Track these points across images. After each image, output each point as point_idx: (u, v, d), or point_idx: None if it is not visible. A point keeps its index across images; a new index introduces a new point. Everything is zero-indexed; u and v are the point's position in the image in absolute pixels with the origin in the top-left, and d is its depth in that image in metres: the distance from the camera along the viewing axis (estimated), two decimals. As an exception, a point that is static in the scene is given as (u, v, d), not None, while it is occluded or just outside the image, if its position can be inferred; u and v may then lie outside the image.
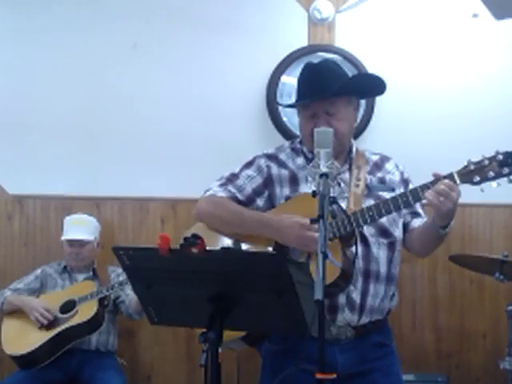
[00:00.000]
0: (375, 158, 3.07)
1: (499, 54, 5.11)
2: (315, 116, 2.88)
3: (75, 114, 5.18)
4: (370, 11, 5.14)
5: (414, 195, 2.72)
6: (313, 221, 2.30)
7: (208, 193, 3.01)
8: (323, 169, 2.40)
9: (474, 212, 5.04)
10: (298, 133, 4.82)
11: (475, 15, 4.75)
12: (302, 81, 2.97)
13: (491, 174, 2.65)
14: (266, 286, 2.20)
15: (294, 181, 2.94)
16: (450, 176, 2.67)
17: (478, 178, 2.66)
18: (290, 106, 3.14)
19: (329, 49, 5.10)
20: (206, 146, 5.13)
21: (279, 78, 5.10)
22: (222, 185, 3.00)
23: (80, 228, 4.80)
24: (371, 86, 3.00)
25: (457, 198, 2.64)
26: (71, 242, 4.76)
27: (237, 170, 3.03)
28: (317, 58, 4.91)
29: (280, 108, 5.07)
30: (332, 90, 2.83)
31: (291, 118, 5.03)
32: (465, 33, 5.09)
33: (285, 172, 2.96)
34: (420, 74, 5.12)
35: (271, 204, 2.96)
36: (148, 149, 5.17)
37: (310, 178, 2.88)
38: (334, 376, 2.16)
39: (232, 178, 3.01)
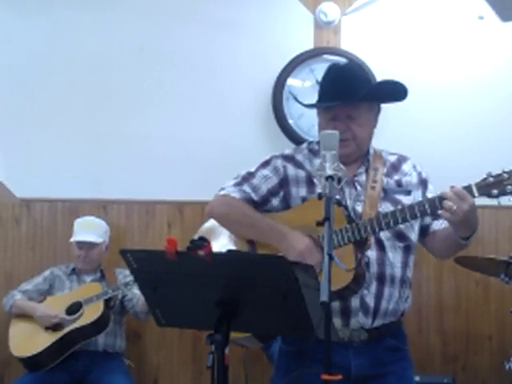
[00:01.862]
0: (392, 158, 3.04)
1: (505, 55, 5.11)
2: (336, 119, 2.85)
3: (82, 117, 5.20)
4: (376, 14, 5.14)
5: (431, 205, 2.68)
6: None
7: (222, 192, 2.98)
8: (329, 171, 2.40)
9: (480, 214, 4.94)
10: (303, 136, 4.90)
11: (481, 17, 4.76)
12: (327, 82, 2.94)
13: (510, 188, 2.61)
14: (273, 288, 2.20)
15: (310, 182, 2.91)
16: (468, 188, 2.64)
17: (495, 192, 2.63)
18: (311, 106, 3.09)
19: (334, 52, 5.10)
20: (212, 149, 5.14)
21: (285, 81, 5.11)
22: (237, 184, 2.97)
23: (89, 231, 4.82)
24: (394, 93, 2.98)
25: (468, 209, 2.61)
26: (80, 244, 4.79)
27: (253, 169, 2.99)
28: (322, 60, 4.96)
29: (286, 111, 5.07)
30: (358, 95, 2.82)
31: (297, 121, 5.05)
32: (471, 35, 5.09)
33: (302, 173, 2.93)
34: (426, 76, 5.12)
35: (286, 204, 2.93)
36: (154, 151, 5.19)
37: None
38: (339, 377, 2.16)
39: (248, 176, 2.98)
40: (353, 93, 2.82)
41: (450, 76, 5.13)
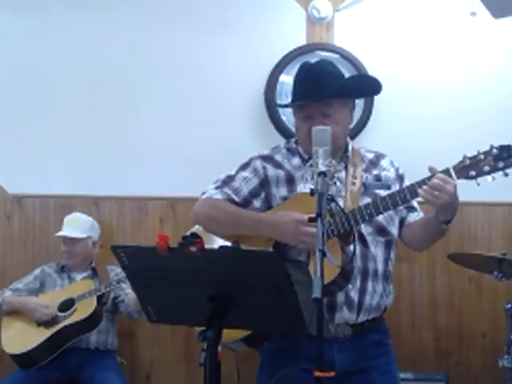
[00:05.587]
0: (370, 155, 3.08)
1: (497, 52, 5.10)
2: (311, 117, 2.88)
3: (75, 114, 5.18)
4: (369, 10, 5.13)
5: (411, 191, 2.72)
6: (311, 219, 2.29)
7: (204, 195, 3.01)
8: (321, 167, 2.40)
9: (473, 210, 5.04)
10: (296, 132, 4.88)
11: (473, 13, 4.75)
12: (298, 81, 2.98)
13: (486, 168, 2.64)
14: (264, 284, 2.20)
15: (290, 181, 2.94)
16: (446, 171, 2.68)
17: (473, 173, 2.66)
18: (285, 106, 3.12)
19: (327, 48, 5.10)
20: (205, 145, 5.13)
21: (278, 77, 5.10)
22: (218, 187, 2.99)
23: (73, 226, 4.82)
24: (367, 87, 3.00)
25: (453, 191, 2.64)
26: (64, 240, 4.80)
27: (233, 172, 3.02)
28: (315, 56, 4.94)
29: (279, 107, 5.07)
30: (328, 91, 2.83)
31: (290, 117, 5.02)
32: (463, 31, 5.08)
33: (281, 173, 2.96)
34: (418, 73, 5.11)
35: (268, 205, 2.96)
36: (147, 148, 5.17)
37: (308, 177, 2.89)
38: (333, 374, 2.16)
39: (228, 180, 3.00)
40: (323, 90, 2.84)
41: (443, 72, 5.12)
